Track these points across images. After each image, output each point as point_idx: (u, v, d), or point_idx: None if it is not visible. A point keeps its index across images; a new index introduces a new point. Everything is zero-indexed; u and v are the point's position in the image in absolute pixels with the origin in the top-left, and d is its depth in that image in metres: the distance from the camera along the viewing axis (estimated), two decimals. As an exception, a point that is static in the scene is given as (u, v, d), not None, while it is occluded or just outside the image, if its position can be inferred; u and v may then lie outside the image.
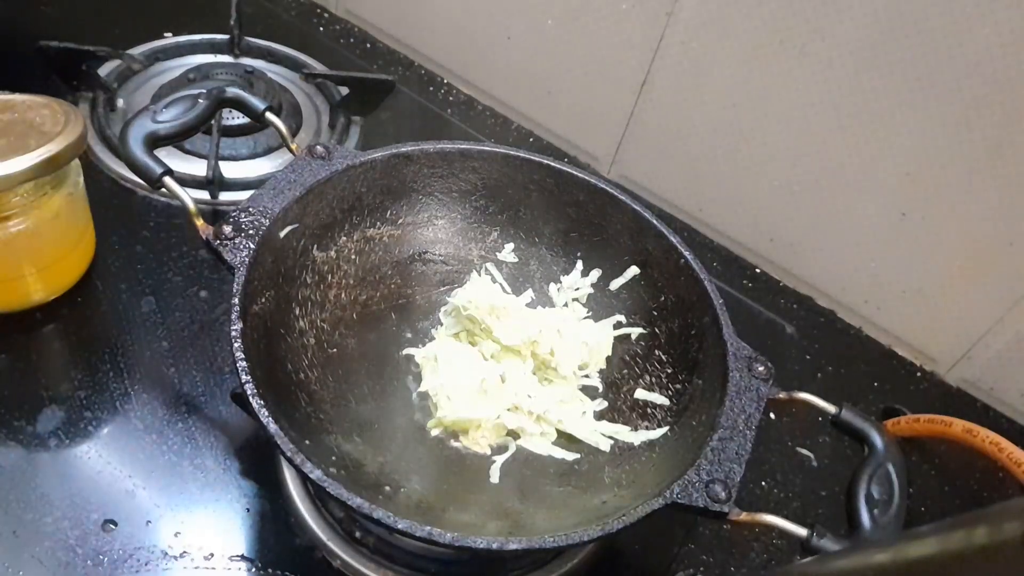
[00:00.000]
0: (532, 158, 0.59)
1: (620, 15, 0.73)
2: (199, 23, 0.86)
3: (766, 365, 0.48)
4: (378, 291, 0.58)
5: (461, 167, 0.59)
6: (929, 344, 0.71)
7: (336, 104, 0.81)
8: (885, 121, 0.64)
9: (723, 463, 0.43)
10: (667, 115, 0.76)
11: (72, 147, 0.53)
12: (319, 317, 0.54)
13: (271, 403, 0.41)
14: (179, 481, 0.51)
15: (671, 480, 0.42)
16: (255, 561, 0.49)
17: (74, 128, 0.54)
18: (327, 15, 0.96)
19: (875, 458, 0.44)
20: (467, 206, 0.61)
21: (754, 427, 0.45)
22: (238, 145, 0.74)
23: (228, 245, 0.47)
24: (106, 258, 0.63)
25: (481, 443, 0.51)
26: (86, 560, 0.47)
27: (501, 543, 0.38)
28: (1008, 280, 0.64)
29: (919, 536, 0.27)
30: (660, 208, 0.81)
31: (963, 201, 0.63)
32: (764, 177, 0.73)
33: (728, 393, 0.46)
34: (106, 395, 0.55)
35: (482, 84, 0.89)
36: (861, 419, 0.46)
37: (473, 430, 0.51)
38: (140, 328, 0.59)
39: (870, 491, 0.43)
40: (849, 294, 0.74)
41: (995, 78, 0.57)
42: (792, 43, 0.65)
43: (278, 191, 0.51)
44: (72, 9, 0.86)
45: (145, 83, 0.79)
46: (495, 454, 0.51)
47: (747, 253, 0.78)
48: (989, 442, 0.58)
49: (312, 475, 0.39)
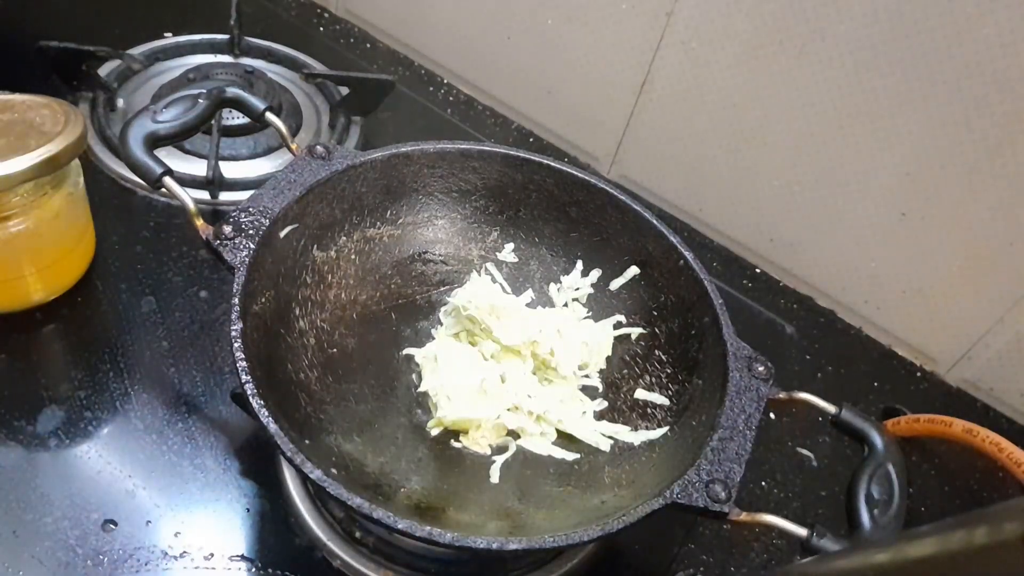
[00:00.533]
0: (532, 158, 0.59)
1: (620, 15, 0.73)
2: (199, 23, 0.86)
3: (766, 365, 0.48)
4: (378, 291, 0.58)
5: (461, 167, 0.59)
6: (929, 344, 0.71)
7: (336, 104, 0.81)
8: (885, 121, 0.64)
9: (723, 463, 0.43)
10: (667, 115, 0.76)
11: (72, 147, 0.53)
12: (319, 317, 0.54)
13: (271, 403, 0.41)
14: (179, 481, 0.52)
15: (671, 480, 0.42)
16: (255, 561, 0.49)
17: (74, 128, 0.54)
18: (327, 15, 0.96)
19: (875, 458, 0.44)
20: (467, 206, 0.61)
21: (754, 427, 0.45)
22: (238, 145, 0.74)
23: (228, 245, 0.47)
24: (106, 258, 0.63)
25: (481, 443, 0.51)
26: (86, 560, 0.47)
27: (501, 543, 0.38)
28: (1008, 280, 0.64)
29: (919, 536, 0.27)
30: (660, 208, 0.81)
31: (963, 201, 0.63)
32: (764, 177, 0.73)
33: (728, 393, 0.46)
34: (106, 395, 0.55)
35: (482, 84, 0.89)
36: (861, 419, 0.46)
37: (473, 430, 0.51)
38: (140, 328, 0.59)
39: (870, 491, 0.43)
40: (849, 294, 0.74)
41: (995, 78, 0.57)
42: (792, 43, 0.65)
43: (278, 191, 0.51)
44: (72, 9, 0.86)
45: (145, 83, 0.79)
46: (495, 454, 0.51)
47: (747, 253, 0.78)
48: (989, 442, 0.58)
49: (312, 475, 0.39)
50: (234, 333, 0.43)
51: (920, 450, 0.64)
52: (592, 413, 0.54)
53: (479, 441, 0.51)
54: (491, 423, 0.51)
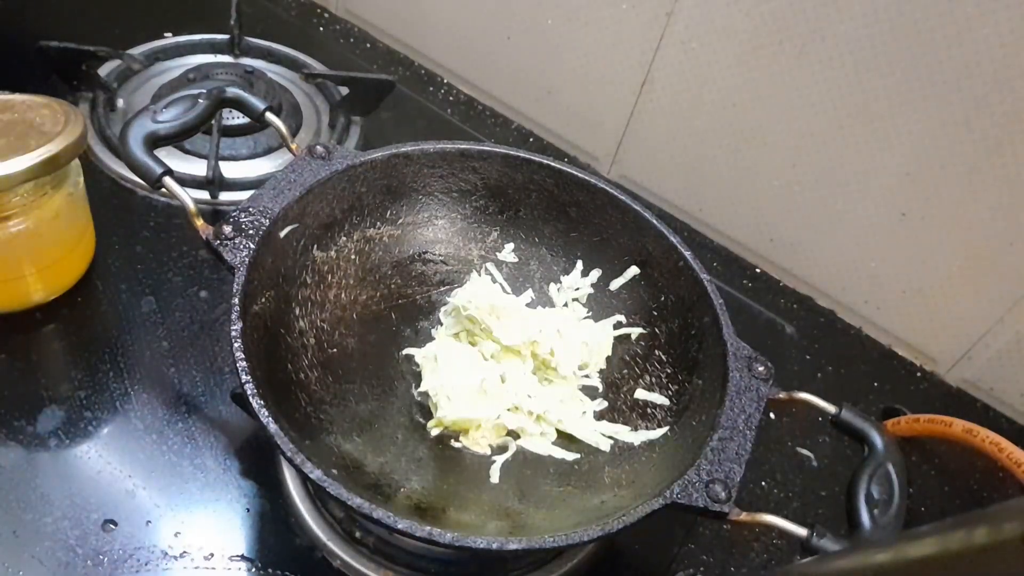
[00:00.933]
0: (532, 158, 0.59)
1: (620, 15, 0.73)
2: (199, 23, 0.86)
3: (766, 365, 0.48)
4: (378, 291, 0.58)
5: (461, 167, 0.59)
6: (929, 344, 0.71)
7: (336, 104, 0.81)
8: (885, 121, 0.64)
9: (723, 463, 0.43)
10: (667, 115, 0.76)
11: (72, 147, 0.53)
12: (319, 317, 0.54)
13: (271, 403, 0.41)
14: (179, 481, 0.52)
15: (671, 480, 0.42)
16: (255, 561, 0.49)
17: (74, 128, 0.54)
18: (327, 15, 0.96)
19: (875, 458, 0.44)
20: (467, 206, 0.61)
21: (754, 427, 0.45)
22: (238, 145, 0.74)
23: (228, 245, 0.47)
24: (106, 258, 0.63)
25: (481, 443, 0.51)
26: (86, 560, 0.47)
27: (501, 543, 0.38)
28: (1008, 280, 0.64)
29: (919, 536, 0.27)
30: (660, 208, 0.81)
31: (963, 201, 0.63)
32: (764, 177, 0.73)
33: (728, 393, 0.46)
34: (106, 395, 0.55)
35: (482, 84, 0.89)
36: (861, 419, 0.46)
37: (473, 430, 0.51)
38: (140, 328, 0.59)
39: (870, 491, 0.43)
40: (849, 294, 0.74)
41: (995, 78, 0.57)
42: (792, 43, 0.65)
43: (278, 191, 0.51)
44: (72, 9, 0.86)
45: (145, 83, 0.79)
46: (495, 454, 0.51)
47: (747, 253, 0.78)
48: (989, 442, 0.58)
49: (312, 475, 0.39)
50: (234, 333, 0.43)
51: (920, 450, 0.64)
52: (592, 413, 0.54)
53: (479, 441, 0.51)
54: (491, 423, 0.51)
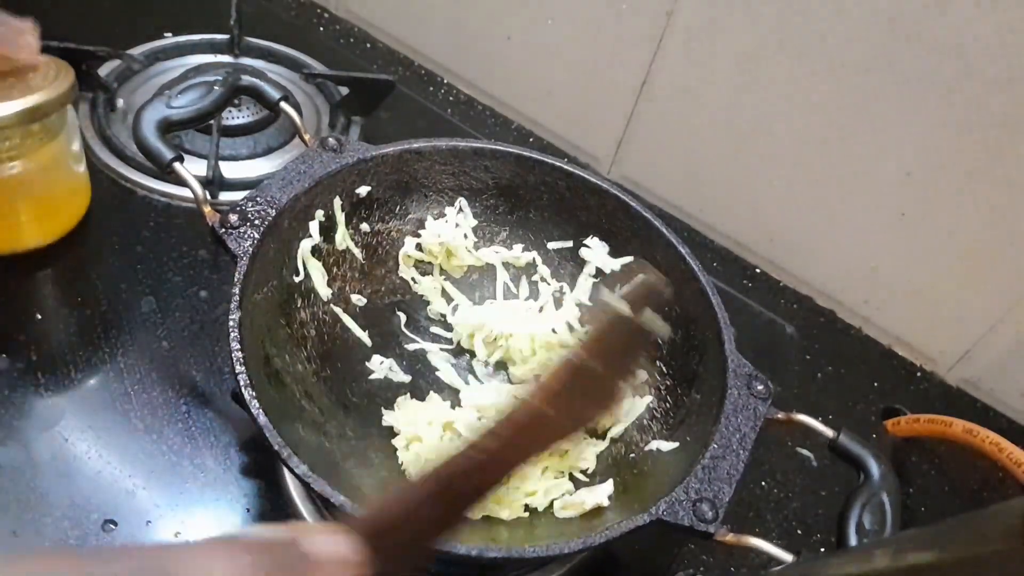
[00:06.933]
0: (545, 160, 0.59)
1: (620, 15, 0.73)
2: (199, 23, 0.86)
3: (766, 384, 0.47)
4: (382, 285, 0.58)
5: (473, 165, 0.59)
6: (929, 344, 0.71)
7: (336, 104, 0.81)
8: (885, 121, 0.64)
9: (713, 482, 0.42)
10: (667, 115, 0.76)
11: (57, 99, 0.55)
12: (321, 309, 0.54)
13: (265, 395, 0.41)
14: (179, 481, 0.51)
15: (659, 496, 0.42)
16: (255, 561, 0.49)
17: (61, 82, 0.56)
18: (327, 15, 0.96)
19: (870, 487, 0.43)
20: (477, 204, 0.61)
21: (748, 447, 0.44)
22: (238, 145, 0.74)
23: (233, 234, 0.47)
24: (106, 258, 0.63)
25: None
26: (86, 560, 0.47)
27: (481, 551, 0.38)
28: (1008, 280, 0.64)
29: (919, 537, 0.27)
30: (660, 208, 0.81)
31: (963, 201, 0.63)
32: (764, 177, 0.73)
33: (724, 410, 0.46)
34: (106, 395, 0.55)
35: (482, 84, 0.89)
36: (859, 445, 0.45)
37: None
38: (140, 328, 0.59)
39: (861, 521, 0.41)
40: (849, 294, 0.74)
41: (995, 78, 0.57)
42: (792, 44, 0.65)
43: (287, 181, 0.51)
44: (72, 9, 0.86)
45: (145, 83, 0.79)
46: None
47: (747, 253, 0.78)
48: (989, 442, 0.58)
49: (297, 470, 0.38)
50: (232, 323, 0.43)
51: (920, 450, 0.64)
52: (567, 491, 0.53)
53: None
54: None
